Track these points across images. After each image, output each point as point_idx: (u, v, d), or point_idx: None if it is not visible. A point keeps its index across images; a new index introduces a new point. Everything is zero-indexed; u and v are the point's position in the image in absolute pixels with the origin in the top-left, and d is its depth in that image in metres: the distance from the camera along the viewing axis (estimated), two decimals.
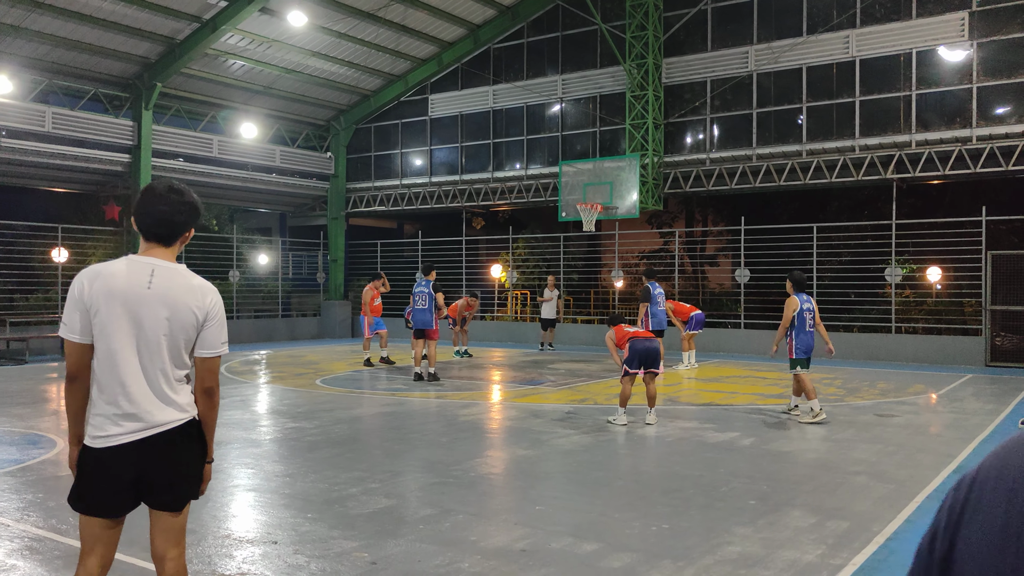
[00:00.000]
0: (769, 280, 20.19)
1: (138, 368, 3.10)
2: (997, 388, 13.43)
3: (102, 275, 3.11)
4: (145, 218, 3.18)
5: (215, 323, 3.23)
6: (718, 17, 20.63)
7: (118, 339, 3.08)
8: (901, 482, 6.86)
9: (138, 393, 3.09)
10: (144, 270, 3.13)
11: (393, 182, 25.95)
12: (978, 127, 17.56)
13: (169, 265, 3.18)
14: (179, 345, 3.16)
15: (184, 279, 3.18)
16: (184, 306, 3.14)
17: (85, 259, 21.65)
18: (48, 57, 19.30)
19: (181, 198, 3.20)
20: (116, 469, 3.10)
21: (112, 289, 3.08)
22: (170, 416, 3.13)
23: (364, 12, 21.02)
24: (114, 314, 3.08)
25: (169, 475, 3.17)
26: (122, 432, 3.07)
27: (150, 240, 3.20)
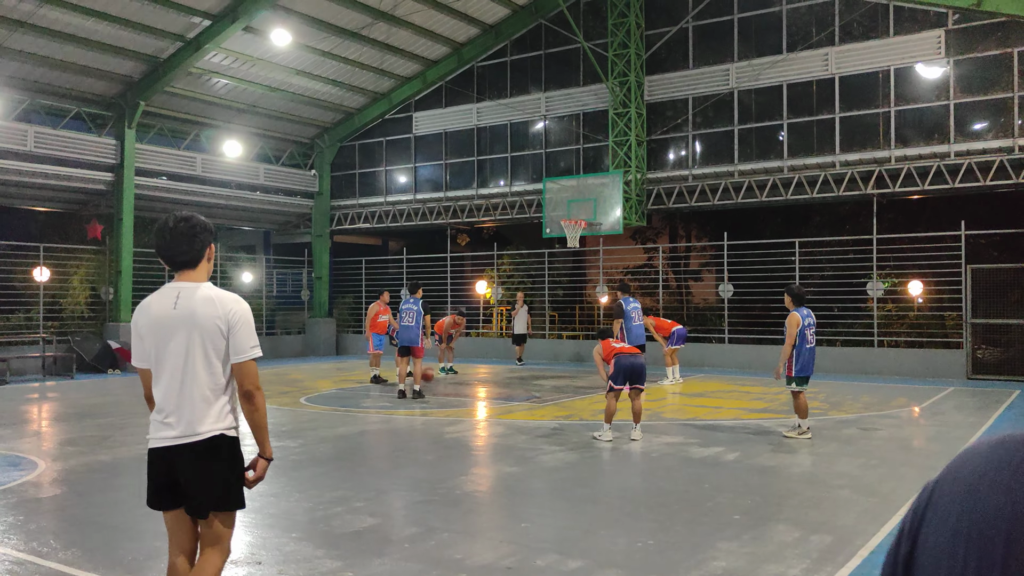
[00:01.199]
0: (753, 295, 20.32)
1: (173, 383, 3.43)
2: (978, 401, 13.54)
3: (144, 306, 3.55)
4: (165, 252, 3.52)
5: (240, 329, 3.47)
6: (699, 35, 20.84)
7: (161, 358, 3.46)
8: (884, 496, 6.90)
9: (174, 406, 3.43)
10: (171, 294, 3.48)
11: (378, 199, 25.96)
12: (956, 143, 17.79)
13: (192, 285, 3.49)
14: (210, 357, 3.44)
15: (202, 294, 3.47)
16: (206, 318, 3.42)
17: (67, 278, 21.51)
18: (31, 76, 19.25)
19: (189, 225, 3.51)
20: (153, 468, 3.50)
21: (151, 317, 3.48)
22: (203, 428, 3.43)
23: (348, 31, 21.10)
24: (154, 337, 3.46)
25: (195, 482, 3.44)
26: (158, 437, 3.46)
27: (177, 269, 3.54)
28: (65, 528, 6.09)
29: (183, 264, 3.51)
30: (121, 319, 20.59)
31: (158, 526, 6.02)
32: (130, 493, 7.12)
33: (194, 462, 3.43)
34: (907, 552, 0.85)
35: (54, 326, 20.54)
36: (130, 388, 16.07)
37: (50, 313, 20.78)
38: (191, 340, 3.41)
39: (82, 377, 18.34)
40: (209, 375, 3.43)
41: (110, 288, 21.13)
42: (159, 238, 3.51)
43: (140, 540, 5.73)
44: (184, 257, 3.50)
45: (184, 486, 3.45)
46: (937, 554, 0.81)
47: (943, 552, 0.80)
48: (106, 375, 18.89)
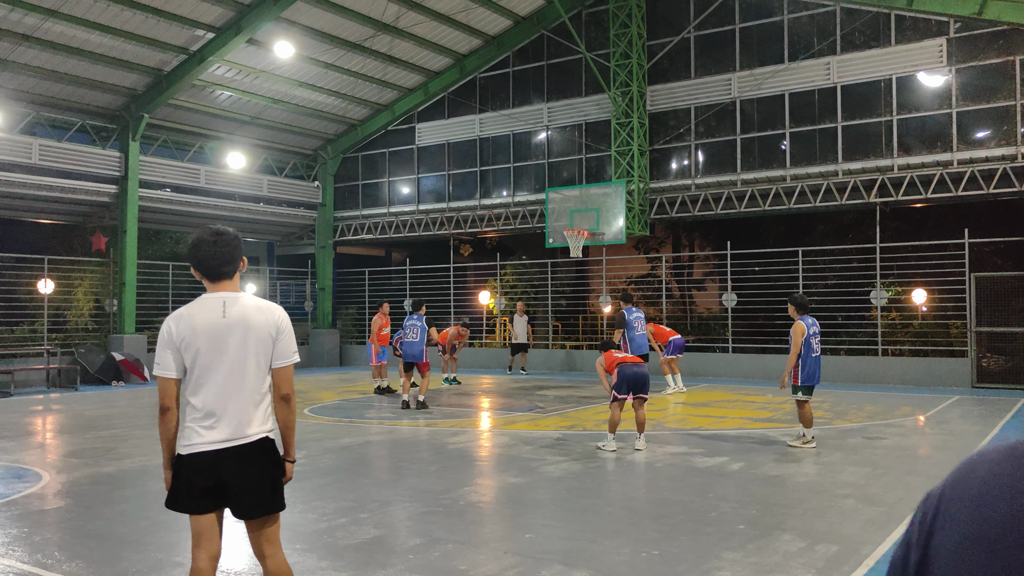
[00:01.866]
0: (756, 304, 20.30)
1: (224, 388, 3.56)
2: (984, 409, 13.49)
3: (184, 316, 3.60)
4: (203, 264, 3.64)
5: (286, 335, 3.70)
6: (701, 45, 20.90)
7: (207, 366, 3.55)
8: (890, 505, 6.88)
9: (223, 411, 3.55)
10: (216, 304, 3.60)
11: (381, 210, 26.01)
12: (959, 151, 17.79)
13: (234, 295, 3.65)
14: (261, 363, 3.62)
15: (251, 303, 3.67)
16: (259, 326, 3.61)
17: (71, 290, 21.56)
18: (35, 89, 19.35)
19: (226, 238, 3.67)
20: (198, 473, 3.55)
21: (195, 326, 3.55)
22: (250, 431, 3.58)
23: (351, 43, 21.20)
24: (202, 346, 3.55)
25: (242, 487, 3.57)
26: (204, 441, 3.54)
27: (214, 280, 3.66)
28: (69, 540, 6.09)
29: (223, 275, 3.65)
30: (125, 331, 20.62)
31: (161, 538, 6.03)
32: (134, 505, 7.12)
33: (245, 464, 3.56)
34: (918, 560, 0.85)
35: (58, 338, 20.58)
36: (134, 400, 16.09)
37: (54, 325, 20.82)
38: (246, 346, 3.57)
39: (86, 389, 18.35)
40: (258, 379, 3.61)
41: (114, 300, 21.17)
42: (197, 251, 3.63)
43: (144, 552, 5.73)
44: (224, 268, 3.64)
45: (233, 489, 3.56)
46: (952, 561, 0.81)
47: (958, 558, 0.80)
48: (110, 387, 18.91)
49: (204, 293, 3.67)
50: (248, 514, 3.63)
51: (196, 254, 3.65)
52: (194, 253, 3.66)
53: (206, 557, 3.65)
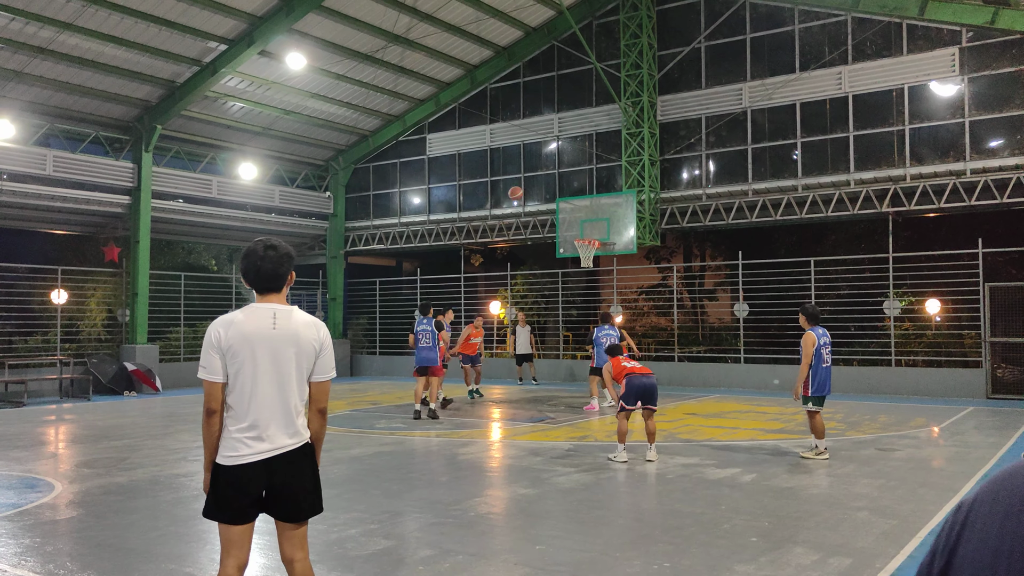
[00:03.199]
0: (768, 314, 20.21)
1: (270, 398, 3.63)
2: (999, 420, 13.38)
3: (234, 323, 3.67)
4: (253, 276, 3.74)
5: (328, 351, 3.81)
6: (712, 55, 20.90)
7: (254, 374, 3.62)
8: (904, 517, 6.82)
9: (270, 419, 3.62)
10: (267, 315, 3.70)
11: (392, 220, 26.08)
12: (971, 160, 17.70)
13: (284, 308, 3.75)
14: (303, 375, 3.72)
15: (301, 317, 3.77)
16: (306, 340, 3.71)
17: (84, 300, 21.68)
18: (50, 101, 19.51)
19: (278, 252, 3.74)
20: (246, 484, 3.61)
21: (245, 333, 3.64)
22: (294, 439, 3.67)
23: (362, 54, 21.30)
24: (249, 354, 3.62)
25: (292, 490, 3.67)
26: (253, 452, 3.60)
27: (263, 292, 3.76)
28: (81, 550, 6.10)
29: (272, 288, 3.75)
30: (137, 341, 20.71)
31: (172, 548, 6.03)
32: (145, 515, 7.13)
33: (294, 468, 3.66)
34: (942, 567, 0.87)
35: (71, 348, 20.69)
36: (146, 410, 16.14)
37: (67, 335, 20.94)
38: (293, 359, 3.67)
39: (99, 399, 18.43)
40: (300, 390, 3.71)
41: (126, 310, 21.28)
42: (249, 263, 3.72)
43: (155, 562, 5.73)
44: (274, 283, 3.74)
45: (284, 494, 3.65)
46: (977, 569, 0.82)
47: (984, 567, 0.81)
48: (123, 397, 18.98)
49: (255, 303, 3.76)
50: (296, 517, 3.71)
51: (245, 264, 3.75)
52: (244, 263, 3.75)
53: (235, 565, 3.71)
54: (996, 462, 9.43)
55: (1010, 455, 9.91)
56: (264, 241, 3.79)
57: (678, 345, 21.67)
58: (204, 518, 3.77)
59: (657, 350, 22.65)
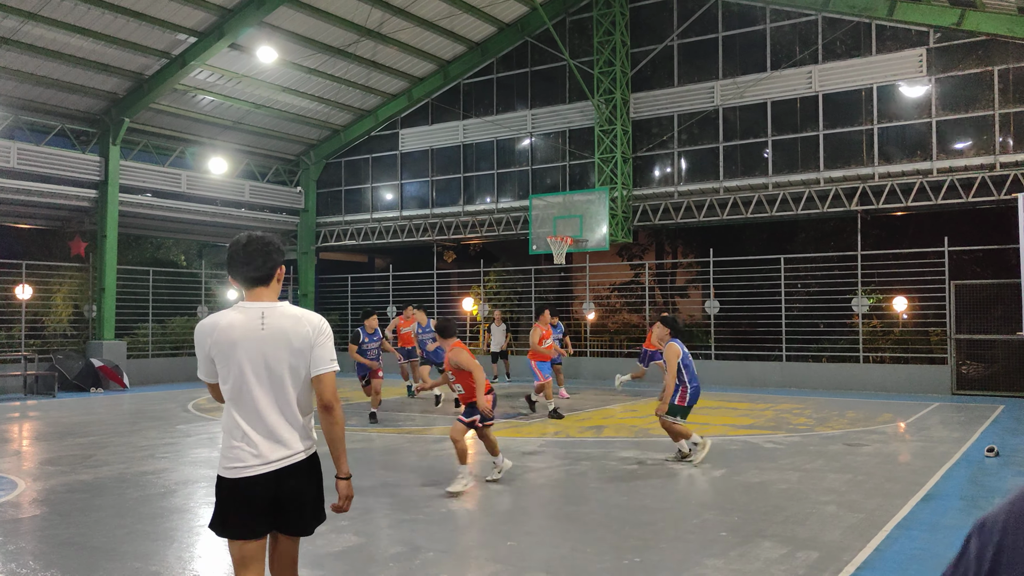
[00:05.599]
0: (739, 311, 20.38)
1: (267, 404, 3.37)
2: (964, 416, 13.59)
3: (219, 326, 3.39)
4: (239, 271, 3.46)
5: (322, 343, 3.48)
6: (684, 53, 21.00)
7: (246, 380, 3.36)
8: (871, 511, 6.90)
9: (269, 427, 3.37)
10: (254, 314, 3.41)
11: (364, 216, 25.94)
12: (938, 160, 17.95)
13: (274, 305, 3.46)
14: (301, 376, 3.44)
15: (290, 313, 3.47)
16: (298, 336, 3.41)
17: (50, 296, 21.33)
18: (14, 93, 19.16)
19: (263, 243, 3.47)
20: (252, 497, 3.34)
21: (232, 338, 3.36)
22: (299, 446, 3.43)
23: (334, 48, 21.14)
24: (238, 358, 3.35)
25: (298, 503, 3.43)
26: (256, 463, 3.34)
27: (252, 287, 3.47)
28: (44, 549, 5.99)
29: (256, 281, 3.46)
30: (104, 337, 20.42)
31: (139, 547, 5.95)
32: (111, 513, 7.03)
33: (301, 480, 3.43)
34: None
35: (36, 344, 20.35)
36: (113, 407, 15.92)
37: (32, 331, 20.59)
38: (285, 360, 3.40)
39: (64, 396, 18.14)
40: (301, 393, 3.46)
41: (93, 306, 20.97)
42: (232, 256, 3.47)
43: (120, 561, 5.65)
44: (257, 274, 3.45)
45: (290, 507, 3.42)
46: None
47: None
48: (89, 394, 18.70)
49: (243, 302, 3.49)
50: (303, 530, 3.50)
51: (229, 259, 3.49)
52: (228, 258, 3.50)
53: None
54: (960, 456, 9.57)
55: (974, 449, 10.07)
56: (249, 233, 3.54)
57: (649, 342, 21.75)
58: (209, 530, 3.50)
59: (629, 346, 22.75)
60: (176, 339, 23.49)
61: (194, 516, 6.93)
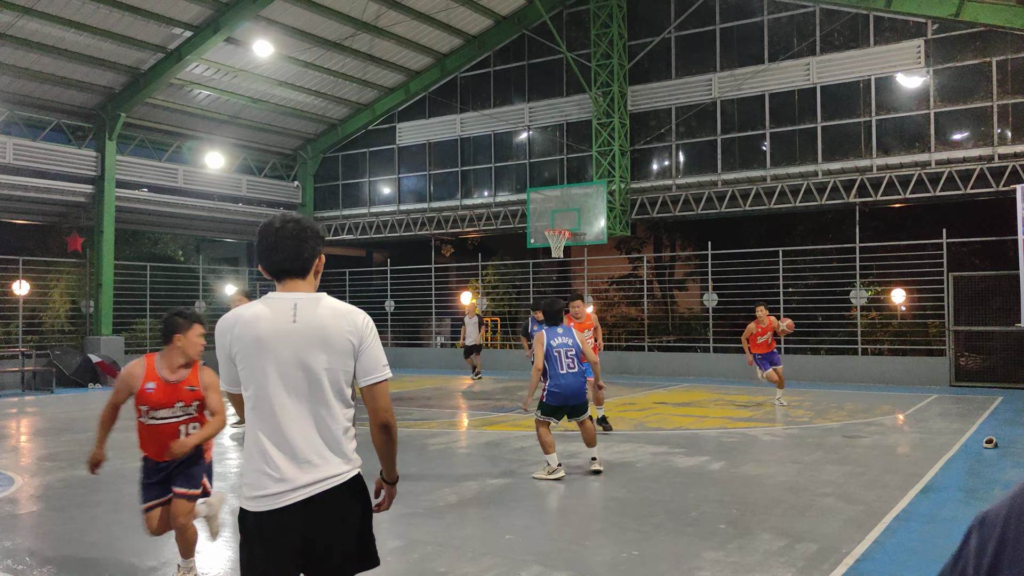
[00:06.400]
0: (737, 304, 20.35)
1: (299, 414, 2.78)
2: (962, 407, 13.59)
3: (242, 319, 2.82)
4: (271, 257, 2.90)
5: (372, 344, 2.90)
6: (682, 45, 20.94)
7: (270, 384, 2.77)
8: (869, 503, 6.89)
9: (301, 444, 2.76)
10: (285, 306, 2.84)
11: (361, 210, 25.89)
12: (936, 151, 17.93)
13: (310, 296, 2.89)
14: (340, 380, 2.84)
15: (329, 305, 2.89)
16: (337, 333, 2.82)
17: (47, 291, 21.29)
18: (10, 88, 19.08)
19: (299, 227, 2.92)
20: (280, 535, 2.74)
21: (258, 334, 2.79)
22: (337, 468, 2.82)
23: (331, 42, 21.07)
24: (264, 359, 2.78)
25: (334, 539, 2.81)
26: (280, 491, 2.72)
27: (283, 279, 2.91)
28: (41, 545, 5.98)
29: (288, 272, 2.90)
30: (102, 332, 20.39)
31: (135, 543, 5.92)
32: (107, 509, 7.01)
33: (338, 511, 2.81)
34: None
35: (34, 340, 20.31)
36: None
37: (30, 327, 20.55)
38: (322, 361, 2.80)
39: (62, 391, 18.11)
40: (342, 402, 2.87)
41: (90, 301, 20.93)
42: (264, 242, 2.92)
43: (117, 556, 5.63)
44: (289, 265, 2.89)
45: (322, 545, 2.80)
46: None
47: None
48: (86, 389, 18.68)
49: (274, 293, 2.93)
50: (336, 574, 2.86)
51: (259, 244, 2.94)
52: (258, 243, 2.95)
53: None
54: (959, 448, 9.57)
55: (973, 440, 10.06)
56: (284, 214, 2.98)
57: (648, 335, 21.76)
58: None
59: (627, 340, 22.74)
60: None
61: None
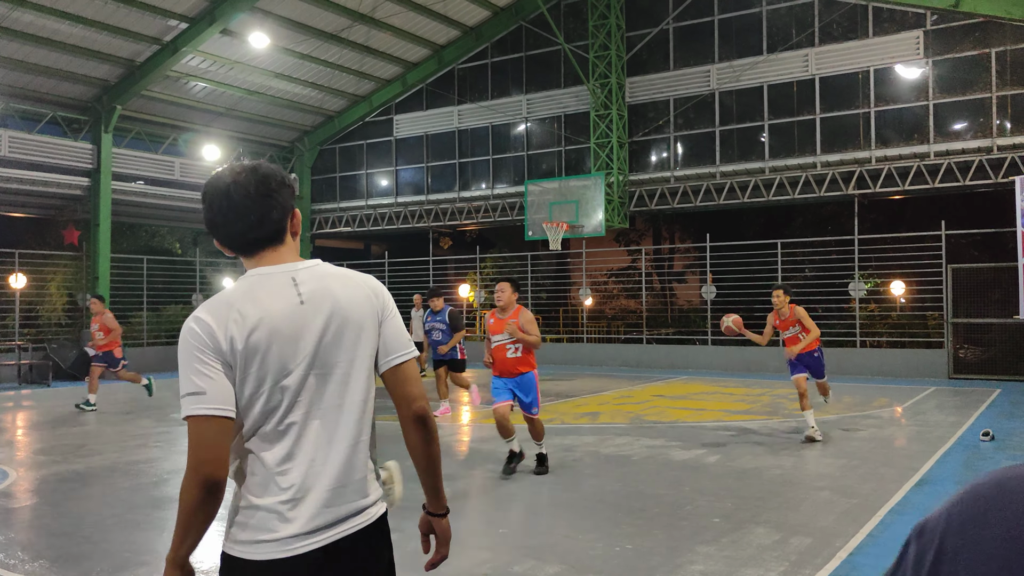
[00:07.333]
0: (736, 296, 20.32)
1: (322, 426, 2.02)
2: (960, 400, 13.57)
3: (235, 304, 1.95)
4: (230, 227, 2.03)
5: (393, 314, 2.19)
6: (680, 36, 20.86)
7: (288, 391, 1.97)
8: (865, 496, 6.86)
9: (327, 468, 2.01)
10: (283, 282, 2.02)
11: (359, 203, 25.84)
12: (935, 143, 17.87)
13: (305, 265, 2.08)
14: (366, 371, 2.11)
15: (332, 273, 2.11)
16: (357, 308, 2.08)
17: (44, 284, 21.25)
18: (5, 80, 19.00)
19: (258, 177, 2.03)
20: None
21: (274, 324, 1.96)
22: (367, 499, 2.12)
23: (327, 33, 20.98)
24: (274, 355, 1.95)
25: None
26: (300, 533, 1.95)
27: (254, 251, 2.06)
28: (33, 539, 5.95)
29: (258, 242, 2.05)
30: None
31: (128, 536, 5.90)
32: (101, 503, 6.98)
33: (367, 558, 2.10)
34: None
35: (30, 333, 20.29)
36: (107, 396, 15.85)
37: (26, 320, 20.51)
38: (348, 349, 2.05)
39: (58, 385, 18.09)
40: (368, 403, 2.15)
41: (87, 294, 20.87)
42: (212, 206, 2.04)
43: (110, 550, 5.60)
44: (258, 231, 2.03)
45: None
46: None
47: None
48: (83, 383, 18.61)
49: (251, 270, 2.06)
50: None
51: (210, 208, 2.05)
52: (206, 214, 2.07)
53: None
54: (956, 440, 9.55)
55: (970, 433, 10.04)
56: (231, 167, 2.07)
57: (647, 327, 21.73)
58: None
59: (626, 332, 22.72)
60: (171, 328, 23.39)
61: None
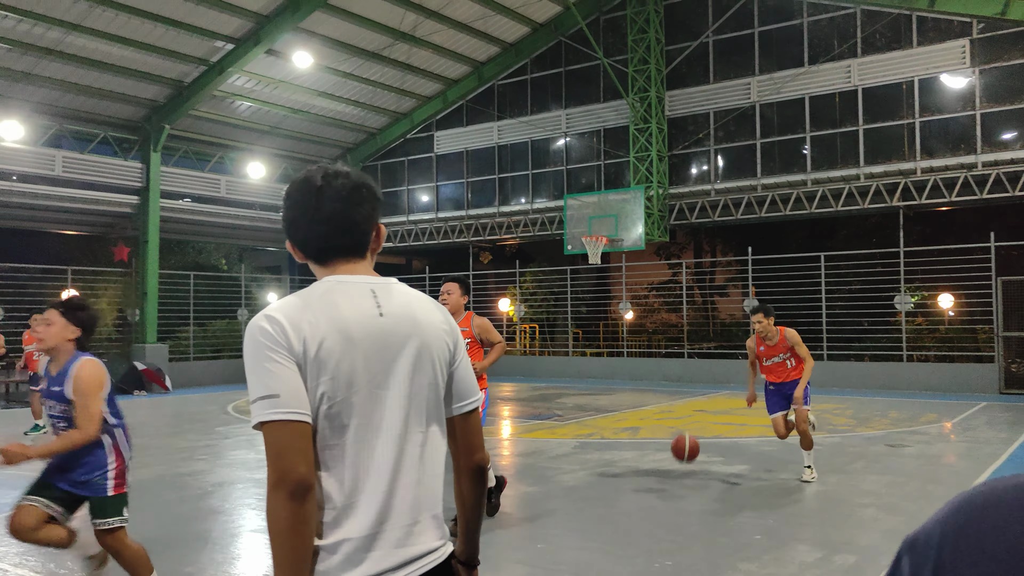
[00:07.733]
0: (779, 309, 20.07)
1: (396, 454, 1.82)
2: (1012, 416, 13.24)
3: (312, 306, 1.80)
4: (313, 229, 1.90)
5: (465, 356, 2.02)
6: (719, 49, 20.78)
7: (365, 405, 1.79)
8: (911, 514, 6.73)
9: (395, 501, 1.81)
10: (362, 291, 1.89)
11: (400, 218, 26.09)
12: (983, 153, 17.53)
13: (384, 280, 1.99)
14: (437, 402, 1.93)
15: (407, 292, 2.01)
16: (435, 333, 1.94)
17: (95, 300, 21.77)
18: (58, 102, 19.60)
19: (351, 183, 1.90)
20: None
21: (350, 331, 1.79)
22: (436, 539, 1.92)
23: (369, 52, 21.29)
24: (346, 366, 1.77)
25: None
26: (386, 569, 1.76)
27: (329, 260, 1.94)
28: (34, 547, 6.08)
29: (338, 251, 1.93)
30: (147, 340, 20.79)
31: (173, 548, 6.01)
32: (148, 514, 7.12)
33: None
34: None
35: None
36: (156, 409, 16.19)
37: None
38: (422, 370, 1.88)
39: None
40: (442, 431, 1.97)
41: (136, 310, 21.36)
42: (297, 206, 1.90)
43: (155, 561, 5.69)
44: (341, 238, 1.92)
45: None
46: None
47: None
48: (132, 396, 19.04)
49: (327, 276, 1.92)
50: None
51: (290, 215, 1.93)
52: (291, 208, 1.92)
53: None
54: (1007, 457, 9.32)
55: (1022, 450, 9.79)
56: (323, 167, 1.92)
57: (688, 341, 21.57)
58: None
59: (667, 346, 22.57)
60: (217, 342, 23.82)
61: (231, 518, 6.99)
